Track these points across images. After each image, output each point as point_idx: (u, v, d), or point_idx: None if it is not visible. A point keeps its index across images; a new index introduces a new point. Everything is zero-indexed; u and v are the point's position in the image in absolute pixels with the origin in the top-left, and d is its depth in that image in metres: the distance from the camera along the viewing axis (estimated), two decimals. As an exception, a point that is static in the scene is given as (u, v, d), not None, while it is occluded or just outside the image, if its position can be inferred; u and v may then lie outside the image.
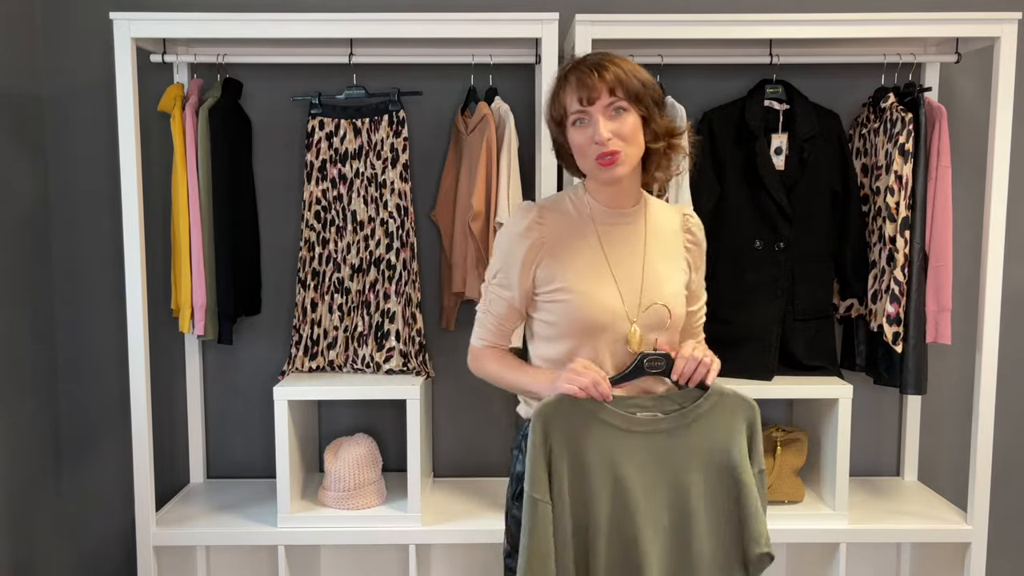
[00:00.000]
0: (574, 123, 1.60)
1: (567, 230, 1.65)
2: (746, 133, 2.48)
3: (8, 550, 2.54)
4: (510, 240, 1.65)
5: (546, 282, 1.63)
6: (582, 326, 1.61)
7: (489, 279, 1.70)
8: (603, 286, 1.63)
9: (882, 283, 2.44)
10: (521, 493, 1.62)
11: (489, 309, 1.71)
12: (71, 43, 2.66)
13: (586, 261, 1.64)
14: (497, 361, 1.72)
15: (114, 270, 2.67)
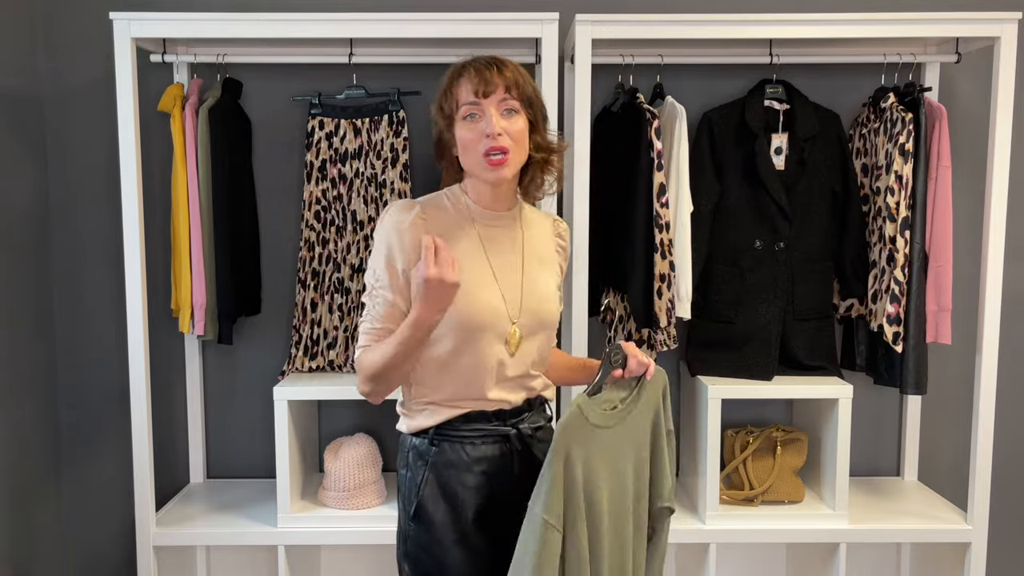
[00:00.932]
0: (465, 117, 1.54)
1: (448, 228, 1.59)
2: (746, 133, 2.48)
3: (8, 550, 2.54)
4: (394, 234, 1.53)
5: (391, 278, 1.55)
6: (466, 325, 1.54)
7: (372, 284, 1.55)
8: (485, 285, 1.58)
9: (882, 283, 2.44)
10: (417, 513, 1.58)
11: (374, 316, 1.55)
12: (71, 43, 2.66)
13: (468, 259, 1.58)
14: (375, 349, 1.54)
15: (114, 270, 2.67)
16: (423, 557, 1.58)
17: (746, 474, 2.50)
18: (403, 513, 1.63)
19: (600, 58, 2.43)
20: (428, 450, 1.59)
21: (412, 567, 1.61)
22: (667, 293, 2.31)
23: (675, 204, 2.34)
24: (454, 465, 1.58)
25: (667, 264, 2.31)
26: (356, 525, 2.43)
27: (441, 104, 1.58)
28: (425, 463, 1.59)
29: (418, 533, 1.58)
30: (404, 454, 1.63)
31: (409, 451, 1.62)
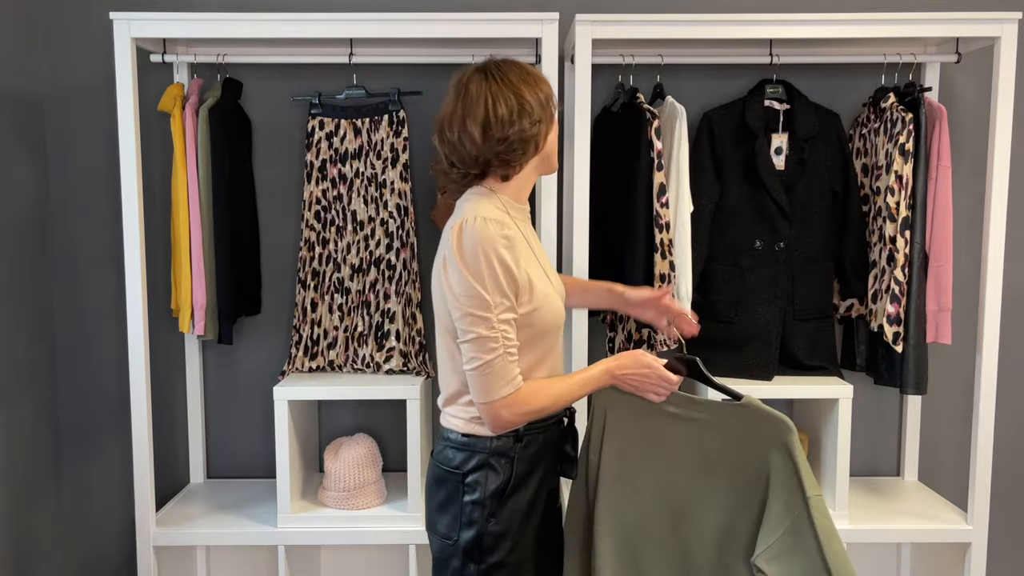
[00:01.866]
0: None
1: (514, 233, 1.62)
2: (746, 133, 2.48)
3: (8, 550, 2.54)
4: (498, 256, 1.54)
5: (522, 293, 1.59)
6: (552, 327, 1.66)
7: (496, 314, 1.53)
8: (549, 284, 1.68)
9: (882, 283, 2.44)
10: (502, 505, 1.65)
11: (509, 343, 1.56)
12: (71, 43, 2.66)
13: (534, 263, 1.66)
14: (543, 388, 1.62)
15: (114, 270, 2.67)
16: (500, 547, 1.65)
17: (746, 474, 2.49)
18: (475, 512, 1.64)
19: (600, 58, 2.43)
20: (512, 447, 1.65)
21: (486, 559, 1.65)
22: (667, 293, 2.31)
23: (675, 204, 2.34)
24: (532, 456, 1.68)
25: (667, 264, 2.31)
26: (356, 525, 2.43)
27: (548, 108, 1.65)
28: (510, 460, 1.65)
29: (500, 526, 1.64)
30: (478, 456, 1.65)
31: (489, 453, 1.65)
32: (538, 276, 1.64)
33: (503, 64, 1.65)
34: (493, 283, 1.53)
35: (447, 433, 1.70)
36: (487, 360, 1.54)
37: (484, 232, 1.53)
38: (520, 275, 1.57)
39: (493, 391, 1.56)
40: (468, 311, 1.53)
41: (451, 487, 1.66)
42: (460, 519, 1.65)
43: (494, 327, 1.53)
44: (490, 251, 1.53)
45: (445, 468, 1.68)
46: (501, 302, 1.54)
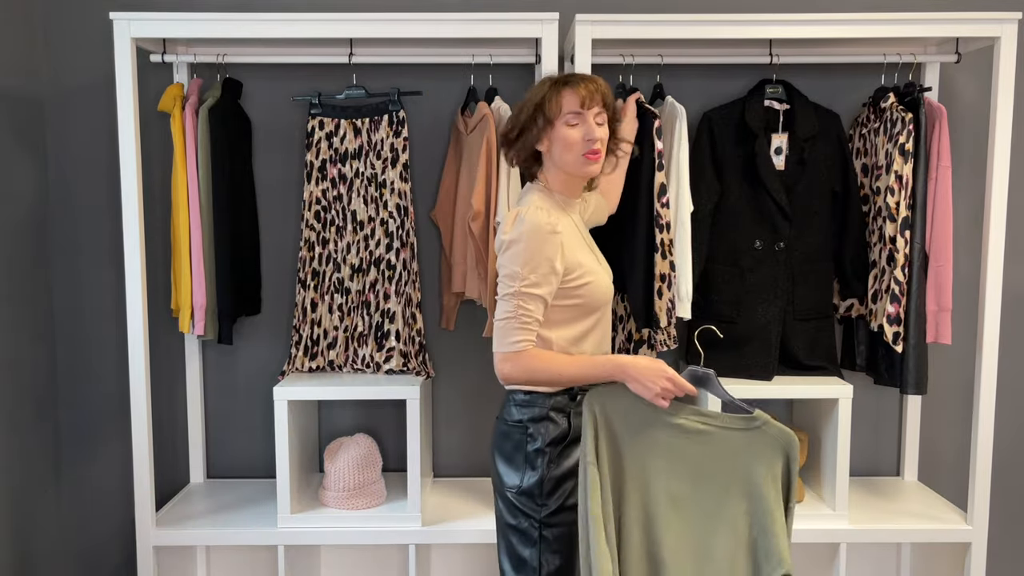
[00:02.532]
0: (567, 123, 1.85)
1: (566, 223, 1.88)
2: (746, 133, 2.48)
3: (8, 550, 2.54)
4: (541, 240, 1.78)
5: (570, 271, 1.83)
6: (601, 302, 1.90)
7: (519, 285, 1.78)
8: (599, 264, 1.94)
9: (882, 283, 2.44)
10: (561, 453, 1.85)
11: (525, 312, 1.79)
12: (71, 43, 2.66)
13: (585, 247, 1.92)
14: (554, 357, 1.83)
15: (114, 270, 2.67)
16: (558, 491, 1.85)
17: (746, 474, 2.50)
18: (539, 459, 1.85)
19: (600, 58, 2.43)
20: (568, 404, 1.87)
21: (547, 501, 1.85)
22: (667, 293, 2.31)
23: (675, 204, 2.34)
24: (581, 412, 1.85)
25: (667, 264, 2.31)
26: (356, 525, 2.43)
27: (547, 109, 1.85)
28: (566, 414, 1.87)
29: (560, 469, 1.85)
30: (538, 409, 1.87)
31: (549, 408, 1.87)
32: (587, 257, 1.89)
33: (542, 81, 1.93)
34: (526, 260, 1.77)
35: (511, 395, 1.92)
36: (502, 319, 1.81)
37: (533, 218, 1.79)
38: (567, 259, 1.81)
39: (499, 344, 1.82)
40: (503, 276, 1.82)
41: (516, 438, 1.88)
42: (524, 466, 1.86)
43: (515, 295, 1.78)
44: (532, 235, 1.78)
45: (510, 423, 1.90)
46: (527, 277, 1.77)
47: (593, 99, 1.85)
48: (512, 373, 1.82)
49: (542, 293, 1.79)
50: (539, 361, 1.80)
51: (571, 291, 1.85)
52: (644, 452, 1.78)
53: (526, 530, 1.86)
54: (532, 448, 1.86)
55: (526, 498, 1.86)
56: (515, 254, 1.78)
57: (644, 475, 1.77)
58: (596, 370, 1.80)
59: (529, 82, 2.63)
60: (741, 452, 1.73)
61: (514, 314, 1.78)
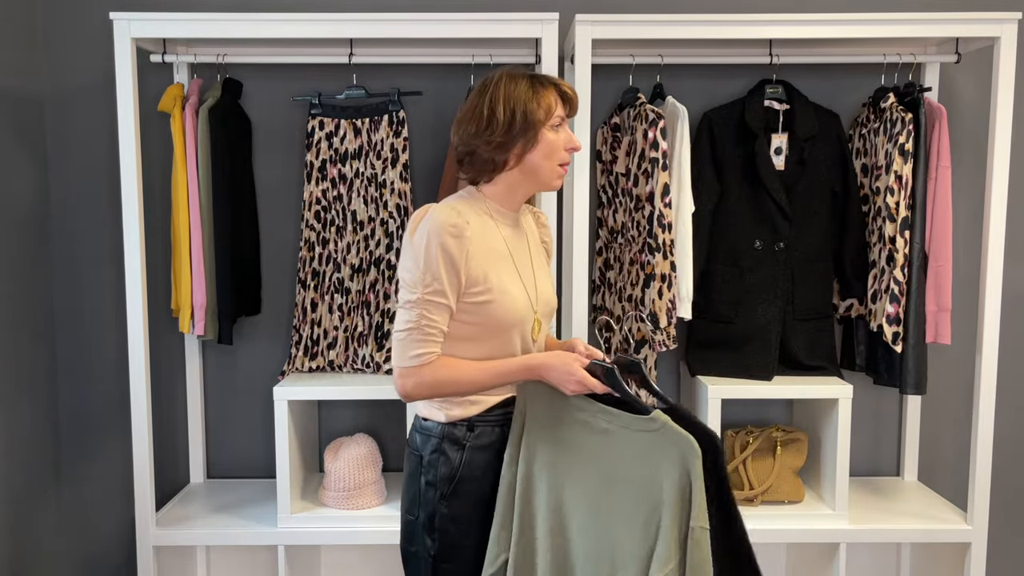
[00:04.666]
0: (554, 126, 1.68)
1: (482, 232, 1.68)
2: (746, 133, 2.48)
3: (8, 550, 2.54)
4: (443, 241, 1.60)
5: (472, 284, 1.64)
6: (508, 324, 1.68)
7: (421, 291, 1.60)
8: (515, 284, 1.70)
9: (882, 283, 2.44)
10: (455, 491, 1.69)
11: (428, 323, 1.62)
12: (71, 43, 2.66)
13: (500, 260, 1.69)
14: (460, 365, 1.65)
15: (114, 270, 2.67)
16: (451, 530, 1.69)
17: (746, 474, 2.50)
18: (429, 492, 1.70)
19: (600, 58, 2.43)
20: (466, 435, 1.70)
21: (440, 539, 1.70)
22: (667, 293, 2.32)
23: (676, 204, 2.34)
24: (487, 447, 1.71)
25: (668, 264, 2.31)
26: (356, 525, 2.43)
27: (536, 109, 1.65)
28: (462, 447, 1.70)
29: (451, 510, 1.69)
30: (433, 440, 1.71)
31: (442, 438, 1.71)
32: (501, 274, 1.67)
33: (509, 76, 1.68)
34: (427, 263, 1.60)
35: (416, 418, 1.78)
36: (402, 330, 1.63)
37: (437, 217, 1.60)
38: (470, 269, 1.62)
39: (398, 358, 1.64)
40: (403, 282, 1.64)
41: (412, 467, 1.74)
42: (419, 498, 1.72)
43: (417, 303, 1.61)
44: (434, 235, 1.59)
45: (409, 448, 1.77)
46: (431, 283, 1.60)
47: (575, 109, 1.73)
48: (415, 389, 1.63)
49: (447, 302, 1.61)
50: (445, 370, 1.62)
51: (469, 306, 1.64)
52: (556, 449, 1.67)
53: (422, 557, 1.72)
54: (423, 481, 1.71)
55: (421, 529, 1.71)
56: (418, 257, 1.60)
57: (557, 475, 1.66)
58: (507, 375, 1.65)
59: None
60: (646, 455, 1.56)
61: (416, 324, 1.60)
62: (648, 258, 2.32)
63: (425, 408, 1.75)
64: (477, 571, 1.70)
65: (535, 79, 1.68)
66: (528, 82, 1.67)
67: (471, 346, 1.67)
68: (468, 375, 1.64)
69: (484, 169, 1.69)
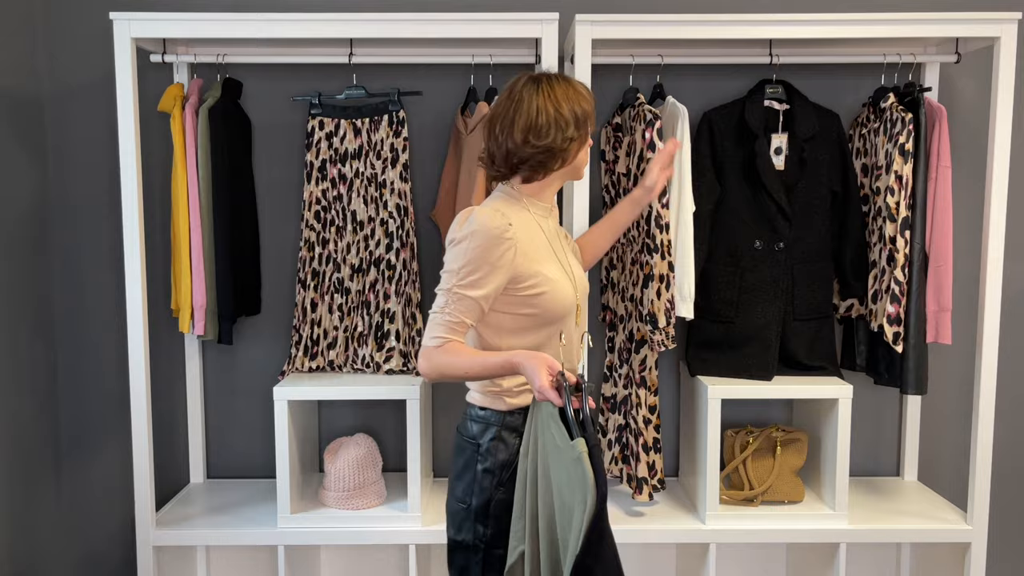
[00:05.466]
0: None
1: (527, 229, 1.78)
2: (746, 133, 2.48)
3: (8, 550, 2.54)
4: (488, 244, 1.69)
5: (523, 279, 1.73)
6: (557, 314, 1.78)
7: (454, 282, 1.70)
8: (559, 273, 1.80)
9: (882, 283, 2.44)
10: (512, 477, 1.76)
11: (451, 310, 1.71)
12: (71, 43, 2.66)
13: (545, 254, 1.80)
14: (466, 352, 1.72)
15: (114, 270, 2.67)
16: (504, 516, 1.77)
17: (746, 474, 2.50)
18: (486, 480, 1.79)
19: (600, 58, 2.43)
20: (523, 423, 1.78)
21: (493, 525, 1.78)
22: (666, 293, 2.31)
23: (677, 203, 2.34)
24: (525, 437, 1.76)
25: (666, 264, 2.31)
26: (356, 525, 2.43)
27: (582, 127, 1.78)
28: (519, 434, 1.78)
29: (507, 495, 1.77)
30: (492, 428, 1.80)
31: (501, 426, 1.80)
32: (550, 266, 1.78)
33: (553, 78, 1.79)
34: (467, 261, 1.69)
35: (468, 408, 1.86)
36: (433, 312, 1.73)
37: (483, 220, 1.69)
38: (519, 266, 1.72)
39: (425, 338, 1.74)
40: (443, 272, 1.74)
41: (468, 456, 1.81)
42: (473, 486, 1.79)
43: (447, 293, 1.71)
44: (478, 237, 1.68)
45: (464, 437, 1.84)
46: (465, 278, 1.69)
47: None
48: (426, 369, 1.73)
49: (476, 296, 1.70)
50: (447, 356, 1.70)
51: (524, 300, 1.75)
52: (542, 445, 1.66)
53: (471, 546, 1.80)
54: (481, 468, 1.79)
55: (474, 518, 1.79)
56: (458, 253, 1.70)
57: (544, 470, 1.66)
58: (491, 368, 1.69)
59: (529, 82, 2.63)
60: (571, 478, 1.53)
61: (442, 311, 1.71)
62: (646, 258, 2.32)
63: (483, 398, 1.83)
64: None
65: (567, 78, 1.80)
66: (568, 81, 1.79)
67: (519, 339, 1.78)
68: (461, 363, 1.70)
69: (548, 167, 1.78)
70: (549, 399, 1.57)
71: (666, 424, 2.78)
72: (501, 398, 1.80)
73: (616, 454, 2.59)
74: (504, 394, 1.80)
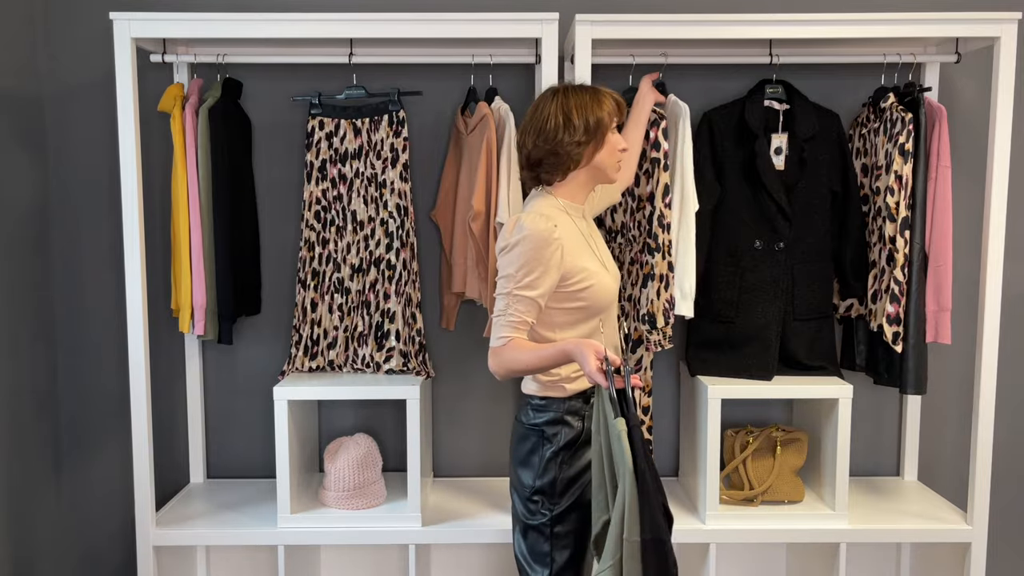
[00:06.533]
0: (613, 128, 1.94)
1: (568, 228, 1.92)
2: (746, 133, 2.48)
3: (8, 550, 2.54)
4: (539, 247, 1.84)
5: (571, 276, 1.89)
6: (604, 304, 1.95)
7: (512, 286, 1.85)
8: (601, 268, 1.96)
9: (882, 283, 2.44)
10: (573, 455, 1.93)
11: (513, 311, 1.85)
12: (71, 43, 2.66)
13: (584, 250, 1.95)
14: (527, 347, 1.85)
15: (114, 270, 2.67)
16: (568, 492, 1.93)
17: (746, 474, 2.50)
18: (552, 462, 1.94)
19: (600, 58, 2.43)
20: (582, 407, 1.95)
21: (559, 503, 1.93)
22: (665, 294, 2.31)
23: (679, 202, 2.34)
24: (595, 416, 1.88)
25: (666, 264, 2.31)
26: (356, 525, 2.43)
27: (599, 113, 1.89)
28: (581, 417, 1.95)
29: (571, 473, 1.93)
30: (555, 414, 1.95)
31: (564, 412, 1.95)
32: (591, 261, 1.93)
33: (573, 87, 1.94)
34: (521, 264, 1.84)
35: (529, 398, 1.99)
36: (495, 316, 1.89)
37: (531, 225, 1.85)
38: (566, 264, 1.87)
39: (491, 340, 1.89)
40: (499, 277, 1.90)
41: (533, 441, 1.96)
42: (539, 468, 1.94)
43: (506, 296, 1.86)
44: (529, 241, 1.84)
45: (527, 426, 1.98)
46: (522, 280, 1.84)
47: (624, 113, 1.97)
48: (494, 367, 1.89)
49: (533, 296, 1.84)
50: (512, 352, 1.85)
51: (573, 295, 1.90)
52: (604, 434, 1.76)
53: (540, 526, 1.94)
54: (548, 451, 1.93)
55: (541, 496, 1.94)
56: (512, 258, 1.86)
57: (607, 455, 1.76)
58: (547, 358, 1.83)
59: (529, 82, 2.63)
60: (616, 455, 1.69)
61: (504, 312, 1.86)
62: (647, 258, 2.32)
63: (543, 388, 1.96)
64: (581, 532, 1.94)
65: (592, 89, 1.94)
66: (591, 92, 1.92)
67: (569, 331, 1.93)
68: (524, 357, 1.84)
69: (560, 168, 1.92)
70: (597, 382, 1.72)
71: (666, 424, 2.78)
72: (560, 386, 1.94)
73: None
74: (563, 382, 1.94)
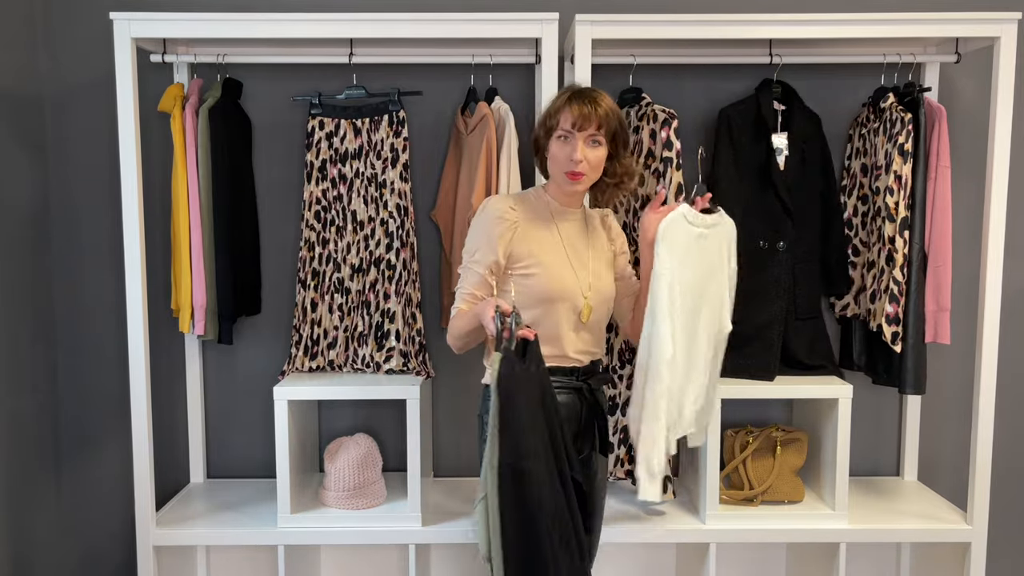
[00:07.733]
0: (559, 137, 1.95)
1: (534, 218, 2.01)
2: (762, 129, 2.47)
3: (8, 550, 2.54)
4: (488, 222, 1.97)
5: (519, 259, 1.97)
6: (547, 296, 1.97)
7: (467, 259, 1.99)
8: (563, 266, 2.00)
9: (881, 283, 2.44)
10: None
11: (464, 283, 1.99)
12: (71, 43, 2.66)
13: (550, 245, 2.00)
14: (458, 315, 1.98)
15: (114, 270, 2.67)
16: None
17: (746, 474, 2.50)
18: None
19: (600, 58, 2.43)
20: None
21: None
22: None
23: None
24: None
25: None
26: (356, 525, 2.43)
27: (546, 121, 1.98)
28: None
29: None
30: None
31: None
32: (549, 255, 1.98)
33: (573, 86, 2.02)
34: (473, 239, 1.99)
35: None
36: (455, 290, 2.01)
37: (490, 203, 2.00)
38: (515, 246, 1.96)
39: None
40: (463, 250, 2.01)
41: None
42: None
43: (462, 268, 2.01)
44: (482, 217, 1.98)
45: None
46: (471, 254, 1.98)
47: (587, 121, 1.90)
48: (448, 338, 2.03)
49: (479, 270, 1.96)
50: (453, 321, 1.99)
51: (519, 279, 1.97)
52: None
53: None
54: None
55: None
56: (469, 234, 2.01)
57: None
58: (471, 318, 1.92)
59: (529, 82, 2.64)
60: None
61: (460, 287, 2.00)
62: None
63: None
64: None
65: (574, 92, 1.96)
66: (566, 95, 1.95)
67: (526, 311, 1.96)
68: (456, 322, 1.97)
69: (538, 159, 2.05)
70: (485, 324, 1.82)
71: (666, 424, 2.78)
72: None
73: (622, 455, 2.59)
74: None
